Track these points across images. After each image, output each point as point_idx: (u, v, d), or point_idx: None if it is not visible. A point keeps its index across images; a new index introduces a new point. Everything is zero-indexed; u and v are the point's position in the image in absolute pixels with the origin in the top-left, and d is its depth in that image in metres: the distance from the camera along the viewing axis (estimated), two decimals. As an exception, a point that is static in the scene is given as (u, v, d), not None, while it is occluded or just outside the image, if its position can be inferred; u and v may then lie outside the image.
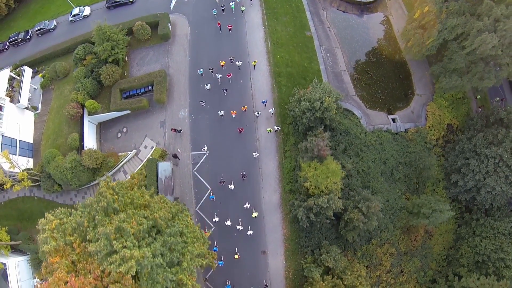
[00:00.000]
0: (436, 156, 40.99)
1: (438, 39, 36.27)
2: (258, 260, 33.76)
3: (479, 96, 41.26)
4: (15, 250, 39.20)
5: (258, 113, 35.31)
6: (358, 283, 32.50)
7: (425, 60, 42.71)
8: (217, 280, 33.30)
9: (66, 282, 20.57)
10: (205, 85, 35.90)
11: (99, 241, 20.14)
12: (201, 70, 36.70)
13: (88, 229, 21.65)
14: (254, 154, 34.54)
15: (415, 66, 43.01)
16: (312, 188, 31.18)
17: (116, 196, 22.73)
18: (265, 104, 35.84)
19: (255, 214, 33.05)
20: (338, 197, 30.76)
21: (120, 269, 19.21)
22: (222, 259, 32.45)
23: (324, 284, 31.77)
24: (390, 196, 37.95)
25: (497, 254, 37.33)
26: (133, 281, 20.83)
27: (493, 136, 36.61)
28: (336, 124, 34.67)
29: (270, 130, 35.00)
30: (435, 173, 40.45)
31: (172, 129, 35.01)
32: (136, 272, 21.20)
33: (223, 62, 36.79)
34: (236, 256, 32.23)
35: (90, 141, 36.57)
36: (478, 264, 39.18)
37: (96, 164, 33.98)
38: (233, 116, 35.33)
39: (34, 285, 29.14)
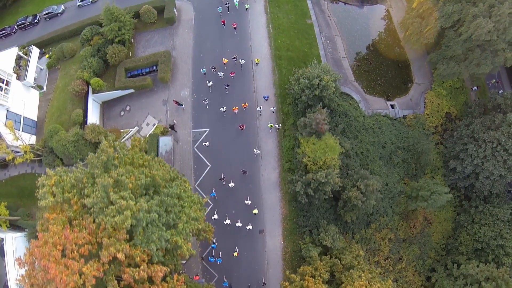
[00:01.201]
0: (435, 143, 41.47)
1: (435, 26, 37.39)
2: (257, 245, 33.76)
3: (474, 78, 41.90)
4: (14, 227, 39.38)
5: (260, 107, 35.89)
6: (357, 263, 32.34)
7: (424, 50, 43.83)
8: (215, 275, 33.48)
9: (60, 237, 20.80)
10: (207, 82, 36.57)
11: (96, 192, 20.52)
12: (204, 69, 37.11)
13: (86, 184, 22.04)
14: (255, 150, 34.85)
15: (414, 56, 44.15)
16: (311, 164, 31.65)
17: (117, 155, 23.28)
18: (267, 99, 36.32)
19: (255, 211, 33.24)
20: (336, 174, 31.08)
21: (115, 219, 19.49)
22: (220, 256, 32.60)
23: (322, 263, 31.66)
24: (389, 180, 38.27)
25: (497, 241, 37.30)
26: (127, 235, 21.00)
27: (490, 121, 37.24)
28: (335, 105, 35.41)
29: (271, 126, 35.53)
30: (434, 160, 40.90)
31: (173, 101, 35.85)
32: (131, 230, 21.43)
33: (226, 60, 37.19)
34: (235, 254, 32.27)
35: (93, 119, 37.38)
36: (477, 252, 39.08)
37: (98, 139, 34.58)
38: (235, 112, 35.71)
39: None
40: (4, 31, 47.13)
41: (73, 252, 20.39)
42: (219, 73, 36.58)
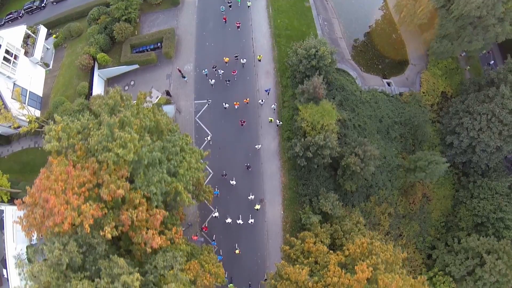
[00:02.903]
0: (431, 121, 42.59)
1: (428, 6, 39.38)
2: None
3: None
4: (15, 200, 39.70)
5: (262, 101, 36.92)
6: (357, 230, 32.61)
7: (418, 32, 45.69)
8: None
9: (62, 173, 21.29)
10: (210, 80, 37.61)
11: (101, 130, 21.33)
12: (205, 70, 37.90)
13: (92, 129, 22.86)
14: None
15: (409, 39, 46.10)
16: (309, 129, 32.59)
17: (123, 104, 24.29)
18: (268, 92, 37.24)
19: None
20: (335, 138, 31.92)
21: (118, 151, 20.18)
22: (221, 253, 32.72)
23: (322, 230, 31.95)
24: (387, 153, 39.14)
25: (496, 214, 37.72)
26: (128, 174, 21.57)
27: (484, 96, 38.54)
28: (332, 78, 36.82)
29: (271, 120, 36.43)
30: (431, 136, 41.98)
31: (178, 69, 37.45)
32: (132, 173, 22.06)
33: (227, 58, 37.72)
34: (237, 252, 32.43)
35: (98, 92, 38.49)
36: (477, 227, 39.43)
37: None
38: (236, 107, 36.36)
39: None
40: (11, 15, 49.21)
41: (74, 189, 20.80)
42: (219, 70, 37.52)
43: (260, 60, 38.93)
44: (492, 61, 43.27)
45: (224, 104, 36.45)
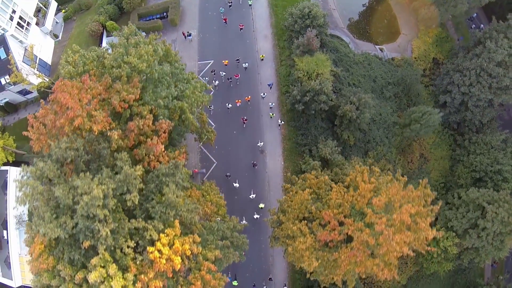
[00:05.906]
0: (424, 85, 45.90)
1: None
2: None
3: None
4: (18, 163, 41.90)
5: (264, 94, 39.90)
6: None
7: (408, 5, 50.06)
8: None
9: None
10: (213, 81, 40.53)
11: (115, 49, 24.35)
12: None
13: (106, 56, 25.87)
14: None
15: (400, 11, 50.51)
16: (306, 79, 35.78)
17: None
18: (271, 87, 40.06)
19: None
20: (330, 85, 34.96)
21: (133, 60, 23.06)
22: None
23: (322, 173, 33.97)
24: (382, 111, 41.97)
25: (494, 167, 39.84)
26: (140, 84, 24.23)
27: (472, 54, 42.06)
28: (325, 39, 40.46)
29: (272, 114, 39.05)
30: (424, 99, 45.01)
31: (182, 32, 40.98)
32: (141, 89, 24.72)
33: (226, 61, 39.95)
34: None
35: (105, 57, 42.05)
36: (476, 183, 41.25)
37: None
38: (238, 105, 38.51)
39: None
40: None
41: (87, 95, 23.11)
42: (220, 72, 40.23)
43: (263, 59, 41.07)
44: (475, 14, 47.49)
45: (227, 104, 38.69)
